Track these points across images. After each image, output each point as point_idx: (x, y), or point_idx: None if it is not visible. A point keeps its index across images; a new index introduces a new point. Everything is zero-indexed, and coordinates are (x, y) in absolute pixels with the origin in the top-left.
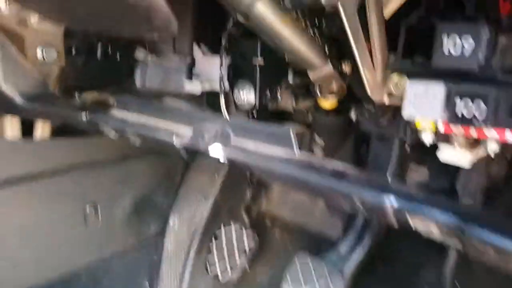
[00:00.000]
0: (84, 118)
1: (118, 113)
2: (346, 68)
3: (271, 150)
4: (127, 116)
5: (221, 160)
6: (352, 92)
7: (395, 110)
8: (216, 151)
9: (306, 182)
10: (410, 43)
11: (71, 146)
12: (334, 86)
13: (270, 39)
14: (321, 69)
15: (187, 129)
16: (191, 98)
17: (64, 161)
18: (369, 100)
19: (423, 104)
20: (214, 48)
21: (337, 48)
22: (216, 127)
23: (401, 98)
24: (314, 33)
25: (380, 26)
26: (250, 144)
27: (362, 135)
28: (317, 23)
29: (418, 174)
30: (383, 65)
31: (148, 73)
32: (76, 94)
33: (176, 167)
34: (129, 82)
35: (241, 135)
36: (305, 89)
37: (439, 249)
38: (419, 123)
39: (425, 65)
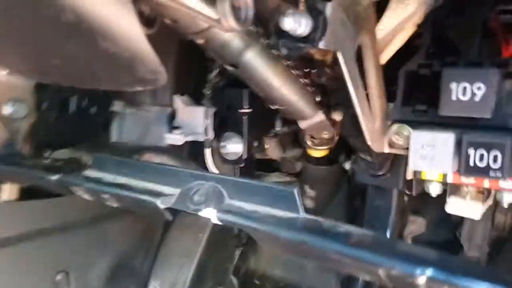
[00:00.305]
0: (55, 180)
1: (93, 173)
2: (337, 116)
3: (272, 212)
4: (103, 176)
5: (213, 221)
6: (344, 141)
7: (394, 159)
8: (208, 213)
9: (318, 249)
10: (410, 91)
11: (41, 209)
12: (326, 135)
13: (260, 89)
14: (312, 118)
15: (172, 189)
16: (171, 151)
17: (32, 225)
18: (365, 150)
19: (431, 155)
20: (196, 99)
21: (327, 96)
22: (207, 187)
23: (403, 148)
24: (305, 82)
25: (377, 72)
26: (247, 205)
27: (356, 186)
28: (307, 72)
29: (415, 225)
30: (382, 114)
31: (126, 126)
32: (47, 153)
33: (155, 226)
34: (104, 136)
35: (236, 195)
36: (293, 138)
37: None
38: (425, 174)
39: (430, 114)
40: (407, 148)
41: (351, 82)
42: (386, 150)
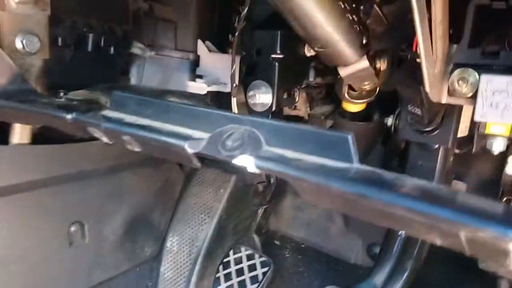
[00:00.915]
0: (70, 119)
1: (112, 113)
2: (381, 65)
3: (320, 161)
4: (124, 117)
5: (250, 170)
6: (384, 95)
7: (445, 113)
8: (243, 160)
9: (379, 204)
10: (480, 29)
11: (54, 155)
12: (367, 85)
13: (300, 25)
14: (355, 65)
15: (202, 133)
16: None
17: (45, 172)
18: (417, 100)
19: (503, 104)
20: (220, 45)
21: (371, 41)
22: (242, 131)
23: (466, 96)
24: (353, 19)
25: (444, 5)
26: (290, 153)
27: (395, 145)
28: (355, 7)
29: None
30: (444, 56)
31: (146, 71)
32: (62, 93)
33: (174, 179)
34: (123, 80)
35: (276, 141)
36: (324, 92)
37: (490, 278)
38: (490, 127)
39: (503, 56)
40: (471, 97)
41: (418, 12)
42: (444, 100)
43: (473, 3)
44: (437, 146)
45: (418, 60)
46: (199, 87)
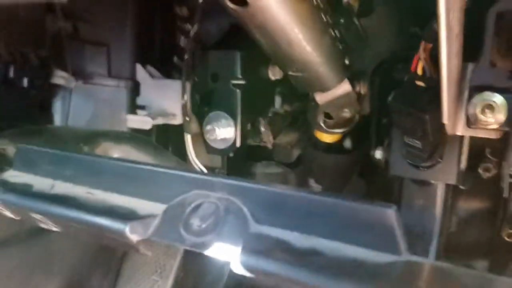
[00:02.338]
0: None
1: (16, 176)
2: (362, 88)
3: (345, 250)
4: (33, 183)
5: (235, 270)
6: (368, 121)
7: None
8: (223, 253)
9: None
10: (503, 42)
11: None
12: (347, 113)
13: (272, 43)
14: (335, 90)
15: (151, 205)
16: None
17: None
18: (418, 131)
19: None
20: (164, 69)
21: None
22: (212, 199)
23: (490, 126)
24: (335, 35)
25: (461, 13)
26: (293, 237)
27: (376, 181)
28: (335, 20)
29: None
30: (459, 78)
31: (73, 105)
32: None
33: None
34: (44, 120)
35: (270, 215)
36: (290, 119)
37: None
38: None
39: None
40: (496, 128)
41: (444, 23)
42: (461, 131)
43: (493, 10)
44: (436, 182)
45: (418, 83)
46: (141, 120)
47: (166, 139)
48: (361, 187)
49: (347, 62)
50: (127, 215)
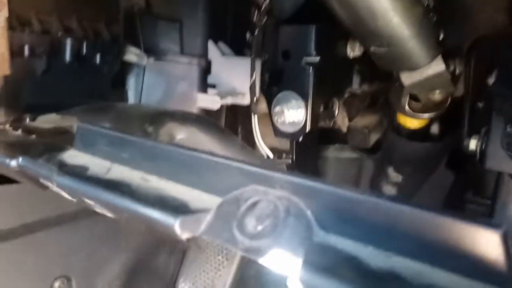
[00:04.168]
0: (15, 167)
1: (74, 158)
2: (458, 66)
3: (431, 275)
4: (89, 165)
5: (291, 286)
6: (460, 106)
7: None
8: (278, 262)
9: None
10: None
11: (24, 195)
12: (438, 95)
13: (353, 14)
14: (426, 69)
15: (206, 197)
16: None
17: (16, 218)
18: None
19: None
20: (237, 47)
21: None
22: (272, 198)
23: None
24: (427, 5)
25: None
26: (375, 255)
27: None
28: None
29: None
30: None
31: (146, 81)
32: (27, 119)
33: None
34: (119, 94)
35: (342, 223)
36: (369, 98)
37: None
38: None
39: None
40: None
41: None
42: None
43: None
44: None
45: None
46: (211, 100)
47: (235, 120)
48: (447, 179)
49: (441, 36)
50: (179, 208)
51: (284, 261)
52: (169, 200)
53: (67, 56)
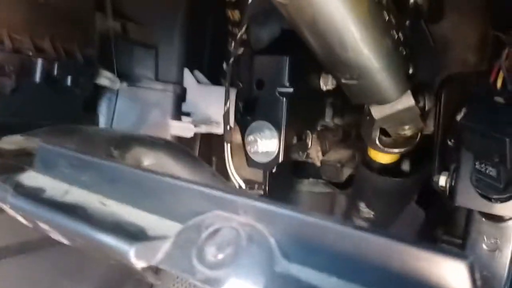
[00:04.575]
0: None
1: (33, 179)
2: (428, 102)
3: None
4: (46, 187)
5: None
6: (430, 142)
7: None
8: None
9: None
10: None
11: None
12: (408, 130)
13: (324, 44)
14: (396, 103)
15: (165, 224)
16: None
17: None
18: (492, 157)
19: None
20: (213, 75)
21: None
22: (235, 225)
23: None
24: (398, 38)
25: None
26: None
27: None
28: (400, 20)
29: None
30: None
31: (119, 107)
32: None
33: None
34: (90, 119)
35: (304, 253)
36: (342, 132)
37: None
38: None
39: None
40: None
41: None
42: None
43: None
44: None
45: (497, 99)
46: (184, 127)
47: (210, 149)
48: (418, 217)
49: (411, 71)
50: (136, 234)
51: None
52: (125, 226)
53: (37, 76)
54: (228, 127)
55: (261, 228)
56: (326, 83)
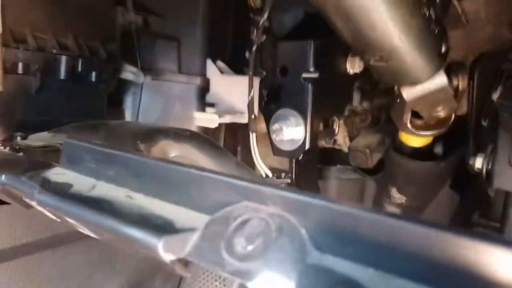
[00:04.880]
0: None
1: (59, 175)
2: (461, 82)
3: None
4: (73, 183)
5: None
6: (464, 123)
7: None
8: (270, 285)
9: None
10: None
11: (15, 216)
12: (441, 111)
13: (351, 26)
14: (428, 83)
15: (193, 216)
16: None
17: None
18: None
19: None
20: (236, 65)
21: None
22: (264, 215)
23: None
24: (429, 16)
25: None
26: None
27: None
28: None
29: None
30: None
31: (143, 100)
32: (18, 137)
33: None
34: (116, 113)
35: (337, 243)
36: (371, 116)
37: None
38: None
39: None
40: None
41: None
42: None
43: None
44: None
45: None
46: (208, 118)
47: (235, 139)
48: (453, 201)
49: (443, 49)
50: (164, 227)
51: (275, 286)
52: (153, 218)
53: (62, 74)
54: (253, 116)
55: (291, 218)
56: (353, 67)
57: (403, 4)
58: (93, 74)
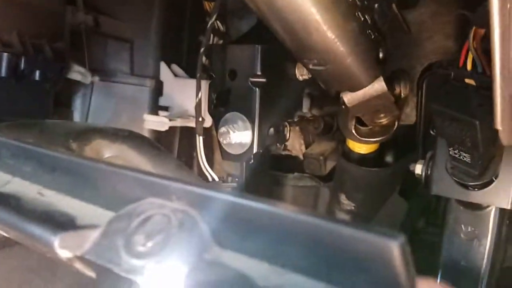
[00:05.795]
0: None
1: None
2: (403, 89)
3: None
4: None
5: None
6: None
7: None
8: (159, 280)
9: None
10: None
11: None
12: (383, 119)
13: (287, 30)
14: (367, 89)
15: (96, 212)
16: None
17: None
18: (465, 142)
19: None
20: (191, 69)
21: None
22: (166, 212)
23: None
24: (365, 20)
25: None
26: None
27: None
28: (368, 4)
29: None
30: None
31: (94, 102)
32: None
33: None
34: (62, 117)
35: (236, 235)
36: (324, 123)
37: None
38: None
39: None
40: None
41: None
42: None
43: None
44: (489, 206)
45: (467, 81)
46: (158, 121)
47: (191, 143)
48: (401, 207)
49: (381, 55)
50: (64, 224)
51: (164, 282)
52: (57, 215)
53: (3, 72)
54: (200, 119)
55: (194, 214)
56: (302, 73)
57: (336, 7)
58: (37, 72)
